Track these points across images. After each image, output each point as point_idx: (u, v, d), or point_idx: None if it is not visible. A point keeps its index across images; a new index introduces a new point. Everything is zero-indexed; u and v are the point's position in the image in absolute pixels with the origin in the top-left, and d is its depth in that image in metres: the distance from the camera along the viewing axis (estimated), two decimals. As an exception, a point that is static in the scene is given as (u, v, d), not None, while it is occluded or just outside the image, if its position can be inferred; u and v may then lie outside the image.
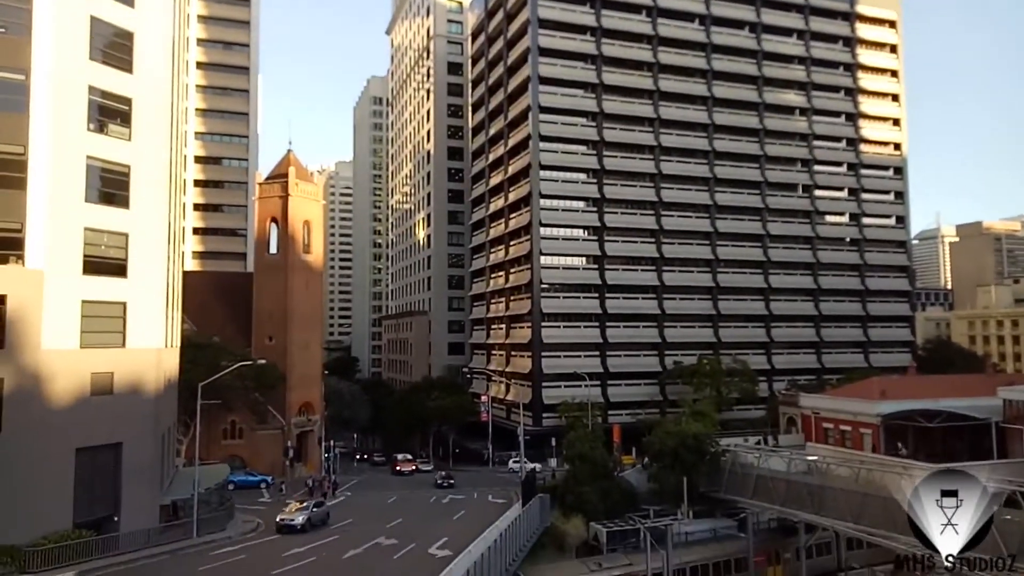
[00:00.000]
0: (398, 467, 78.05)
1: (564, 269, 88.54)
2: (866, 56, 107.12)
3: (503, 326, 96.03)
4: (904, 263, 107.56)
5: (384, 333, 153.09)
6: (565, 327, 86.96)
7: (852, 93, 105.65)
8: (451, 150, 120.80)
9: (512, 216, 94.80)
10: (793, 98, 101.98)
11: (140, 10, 40.05)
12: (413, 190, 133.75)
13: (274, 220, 76.32)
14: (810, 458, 50.54)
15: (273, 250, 76.28)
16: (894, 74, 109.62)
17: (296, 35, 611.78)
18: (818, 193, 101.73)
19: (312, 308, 78.38)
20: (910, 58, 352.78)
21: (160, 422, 41.46)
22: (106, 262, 37.64)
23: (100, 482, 37.32)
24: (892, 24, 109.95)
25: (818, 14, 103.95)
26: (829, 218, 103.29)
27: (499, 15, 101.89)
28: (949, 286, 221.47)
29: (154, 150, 40.60)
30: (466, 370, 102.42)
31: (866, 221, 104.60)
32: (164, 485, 43.49)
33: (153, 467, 39.93)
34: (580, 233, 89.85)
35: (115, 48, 38.65)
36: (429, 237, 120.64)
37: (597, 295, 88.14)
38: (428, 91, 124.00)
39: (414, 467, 78.14)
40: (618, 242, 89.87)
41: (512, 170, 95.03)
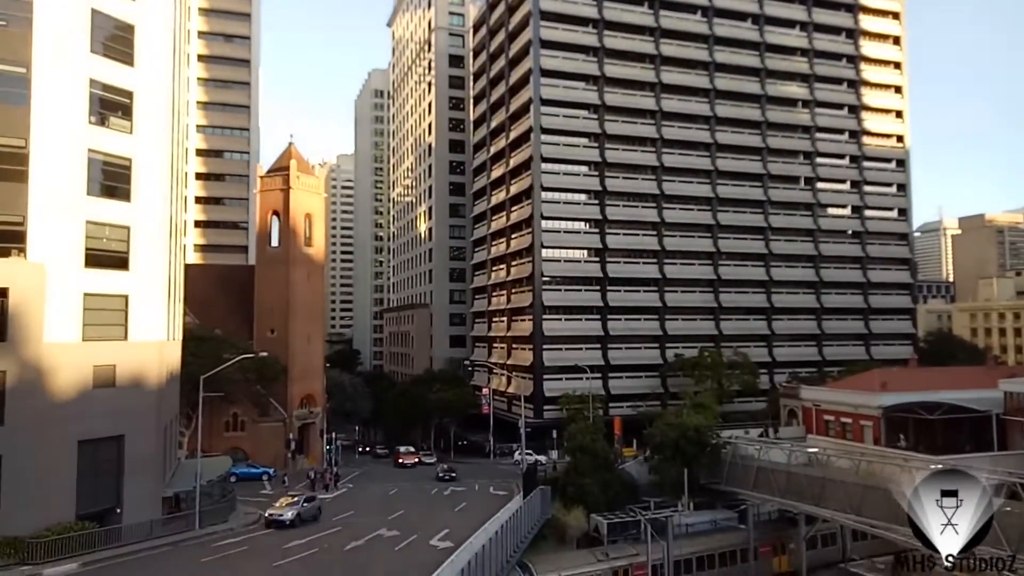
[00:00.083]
0: (401, 459, 78.12)
1: (565, 262, 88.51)
2: (869, 48, 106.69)
3: (504, 319, 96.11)
4: (906, 256, 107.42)
5: (385, 326, 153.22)
6: (566, 320, 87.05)
7: (855, 85, 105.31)
8: (452, 143, 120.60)
9: (513, 209, 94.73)
10: (796, 90, 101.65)
11: (141, 3, 39.99)
12: (414, 183, 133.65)
13: (275, 213, 76.32)
14: (811, 450, 50.64)
15: (275, 243, 76.30)
16: (897, 66, 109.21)
17: (297, 28, 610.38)
18: (820, 186, 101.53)
19: (314, 301, 78.47)
20: (913, 50, 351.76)
21: (162, 414, 41.61)
22: (108, 255, 37.69)
23: (103, 474, 37.49)
24: (895, 16, 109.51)
25: (821, 5, 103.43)
26: (831, 211, 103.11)
27: (500, 7, 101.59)
28: (951, 278, 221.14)
29: (155, 143, 40.60)
30: (467, 363, 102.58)
31: (868, 214, 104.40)
32: (166, 477, 43.67)
33: (155, 459, 40.10)
34: (582, 226, 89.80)
35: (116, 41, 38.59)
36: (430, 230, 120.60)
37: (598, 288, 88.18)
38: (429, 84, 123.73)
39: (417, 459, 78.10)
40: (620, 235, 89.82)
41: (513, 163, 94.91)
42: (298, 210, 75.76)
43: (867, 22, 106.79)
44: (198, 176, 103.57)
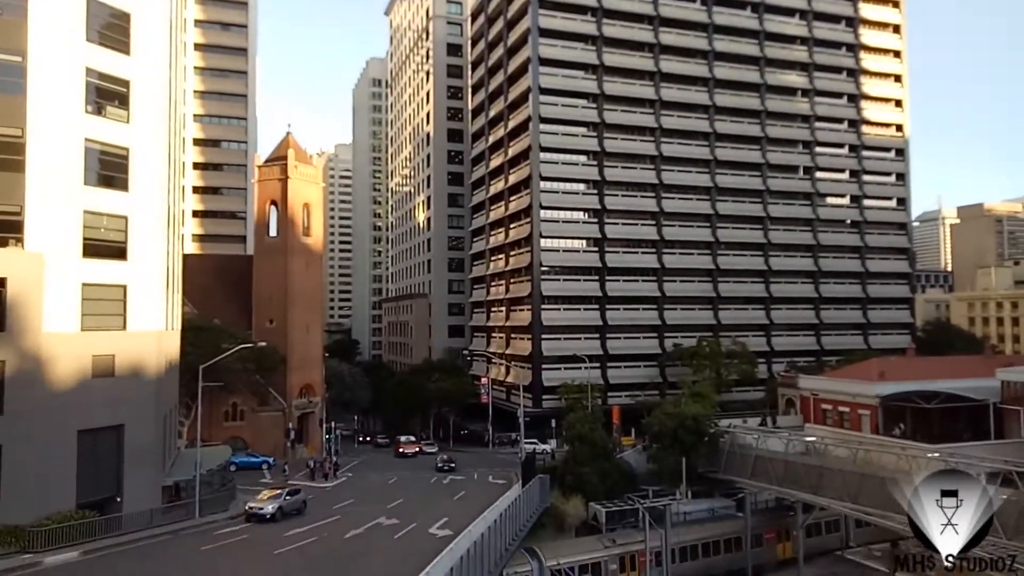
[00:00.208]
0: (401, 449, 77.82)
1: (564, 252, 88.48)
2: (869, 36, 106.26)
3: (503, 308, 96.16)
4: (905, 245, 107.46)
5: (384, 315, 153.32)
6: (565, 309, 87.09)
7: (854, 74, 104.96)
8: (451, 132, 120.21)
9: (512, 198, 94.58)
10: (795, 79, 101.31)
11: (136, -10, 39.71)
12: (413, 172, 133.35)
13: (274, 203, 76.15)
14: (808, 439, 50.85)
15: (273, 233, 76.17)
16: (897, 55, 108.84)
17: (294, 16, 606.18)
18: (819, 175, 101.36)
19: (312, 291, 78.46)
20: (913, 39, 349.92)
21: (161, 404, 41.70)
22: (106, 245, 37.65)
23: (102, 463, 37.63)
24: (895, 4, 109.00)
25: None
26: (830, 200, 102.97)
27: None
28: (949, 268, 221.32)
29: (153, 132, 40.46)
30: (466, 352, 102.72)
31: (867, 203, 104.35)
32: (166, 466, 43.83)
33: (155, 448, 40.22)
34: (580, 216, 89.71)
35: (112, 30, 38.37)
36: (429, 220, 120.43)
37: (597, 278, 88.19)
38: (428, 73, 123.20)
39: (418, 449, 77.88)
40: (618, 224, 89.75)
41: (512, 152, 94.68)
42: (296, 200, 75.63)
43: (867, 10, 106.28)
44: (196, 166, 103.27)
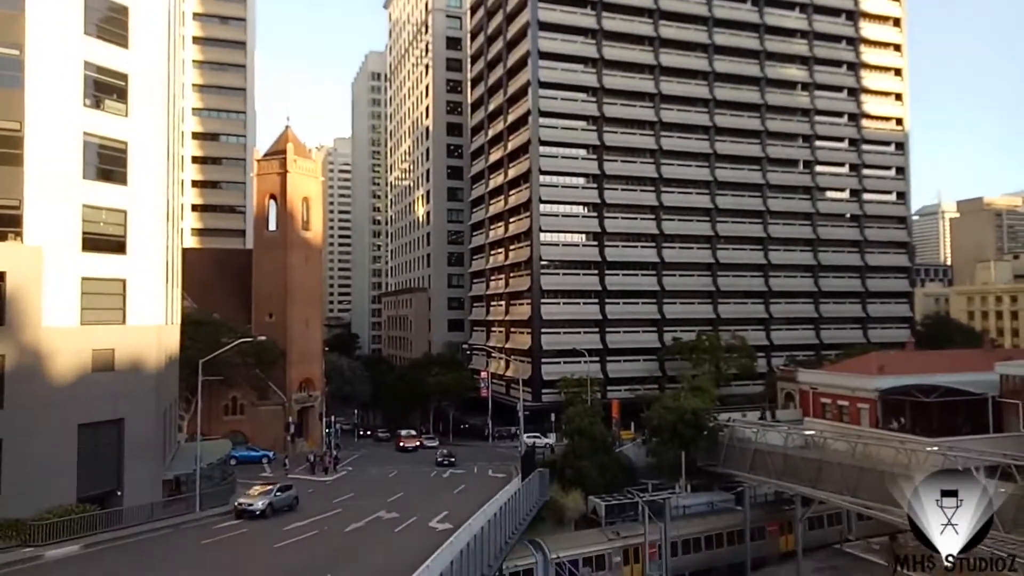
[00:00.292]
0: (402, 443, 77.39)
1: (564, 246, 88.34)
2: (869, 30, 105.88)
3: (503, 303, 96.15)
4: (904, 239, 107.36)
5: (384, 310, 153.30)
6: (564, 304, 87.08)
7: (855, 67, 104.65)
8: (450, 126, 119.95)
9: (512, 193, 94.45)
10: (795, 72, 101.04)
11: (135, -17, 39.54)
12: (412, 167, 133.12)
13: (273, 197, 76.06)
14: (807, 433, 51.04)
15: (272, 227, 76.12)
16: (897, 48, 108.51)
17: (293, 9, 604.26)
18: (819, 169, 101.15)
19: (312, 285, 78.43)
20: (913, 32, 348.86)
21: (161, 398, 41.72)
22: (105, 239, 37.61)
23: (103, 457, 37.67)
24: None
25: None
26: (829, 194, 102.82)
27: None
28: (949, 262, 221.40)
29: (151, 126, 40.32)
30: (466, 346, 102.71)
31: (867, 197, 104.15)
32: (166, 460, 43.89)
33: (155, 442, 40.26)
34: (580, 210, 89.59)
35: (110, 23, 38.23)
36: (428, 214, 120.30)
37: (597, 272, 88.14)
38: (427, 66, 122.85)
39: (419, 443, 77.57)
40: (618, 219, 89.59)
41: (512, 146, 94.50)
42: (295, 194, 75.53)
43: (867, 3, 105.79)
44: (195, 160, 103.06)
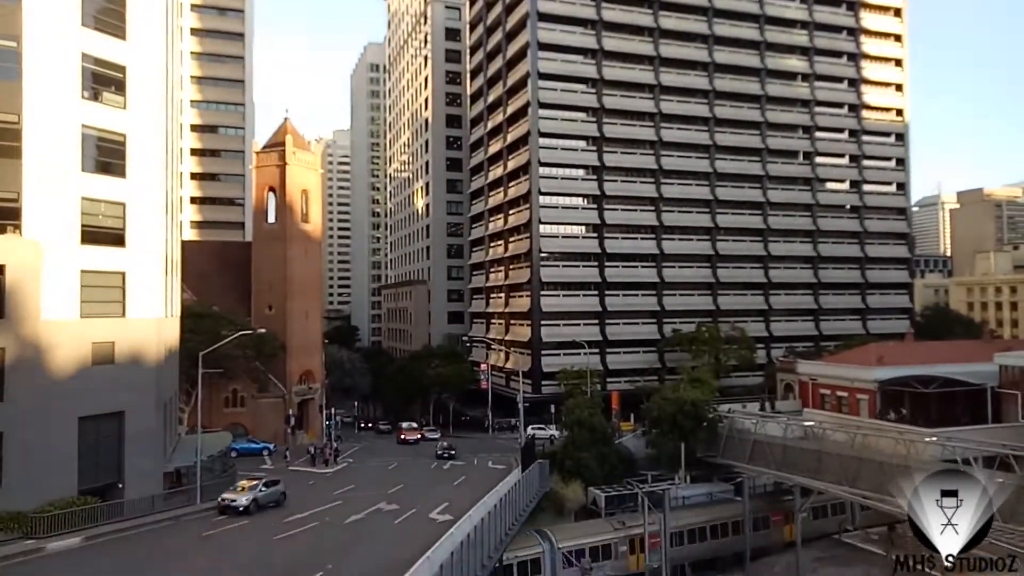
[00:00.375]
0: (404, 436, 77.24)
1: (563, 238, 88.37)
2: (870, 20, 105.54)
3: (502, 295, 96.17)
4: (904, 230, 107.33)
5: (384, 302, 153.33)
6: (564, 296, 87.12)
7: (855, 58, 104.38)
8: (449, 118, 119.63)
9: (511, 184, 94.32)
10: (795, 63, 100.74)
11: (132, -25, 39.34)
12: (411, 159, 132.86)
13: (272, 189, 75.90)
14: (807, 423, 51.15)
15: (271, 219, 75.96)
16: (898, 38, 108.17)
17: (291, 1, 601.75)
18: (819, 160, 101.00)
19: (311, 277, 78.41)
20: (914, 22, 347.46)
21: (162, 391, 41.78)
22: (104, 232, 37.53)
23: (104, 450, 37.74)
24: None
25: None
26: (830, 185, 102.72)
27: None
28: (948, 253, 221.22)
29: (150, 118, 40.21)
30: (465, 339, 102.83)
31: (867, 188, 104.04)
32: (167, 453, 43.97)
33: (156, 435, 40.33)
34: (579, 201, 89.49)
35: (108, 14, 38.03)
36: (428, 206, 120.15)
37: (596, 263, 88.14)
38: (426, 58, 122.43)
39: (420, 435, 77.45)
40: (618, 210, 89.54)
41: (511, 138, 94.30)
42: (294, 186, 75.38)
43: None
44: (193, 152, 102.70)
